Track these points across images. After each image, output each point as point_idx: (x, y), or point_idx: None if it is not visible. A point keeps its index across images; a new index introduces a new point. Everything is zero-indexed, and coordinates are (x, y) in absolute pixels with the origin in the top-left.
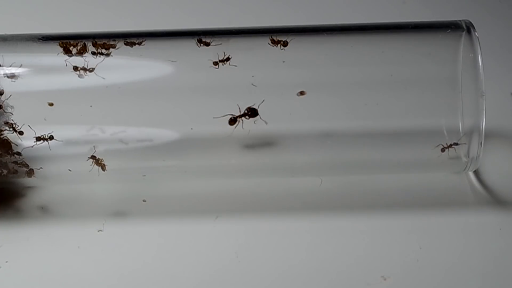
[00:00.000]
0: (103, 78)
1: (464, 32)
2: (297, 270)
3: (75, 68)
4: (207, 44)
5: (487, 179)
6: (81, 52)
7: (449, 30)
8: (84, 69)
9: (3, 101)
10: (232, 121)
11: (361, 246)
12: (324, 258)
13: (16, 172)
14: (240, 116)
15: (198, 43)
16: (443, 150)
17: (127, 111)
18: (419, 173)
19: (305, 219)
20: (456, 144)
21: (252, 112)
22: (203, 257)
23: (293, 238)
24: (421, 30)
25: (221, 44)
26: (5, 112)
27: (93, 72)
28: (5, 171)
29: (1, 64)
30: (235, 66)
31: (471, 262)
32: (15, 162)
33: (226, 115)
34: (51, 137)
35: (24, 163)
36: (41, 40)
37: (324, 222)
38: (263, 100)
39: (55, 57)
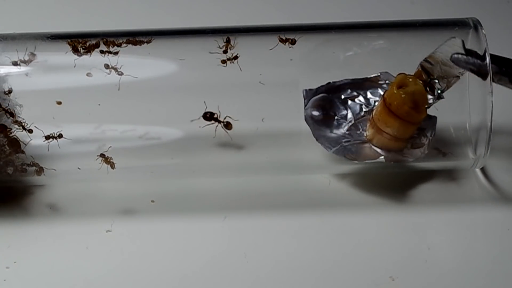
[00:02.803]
0: (136, 77)
1: (471, 30)
2: (305, 270)
3: (106, 66)
4: (293, 43)
5: (494, 176)
6: (89, 51)
7: (457, 28)
8: (115, 69)
9: (11, 99)
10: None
11: (369, 247)
12: (333, 258)
13: (24, 170)
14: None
15: (282, 42)
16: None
17: (135, 109)
18: (424, 169)
19: (314, 218)
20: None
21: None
22: (212, 257)
23: (301, 238)
24: (429, 27)
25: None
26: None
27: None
28: (12, 169)
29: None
30: (241, 70)
31: (480, 264)
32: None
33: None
34: (60, 136)
35: (33, 161)
36: (49, 39)
37: (333, 222)
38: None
39: (63, 55)
